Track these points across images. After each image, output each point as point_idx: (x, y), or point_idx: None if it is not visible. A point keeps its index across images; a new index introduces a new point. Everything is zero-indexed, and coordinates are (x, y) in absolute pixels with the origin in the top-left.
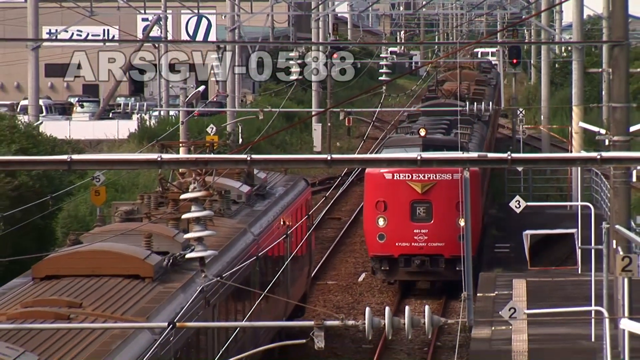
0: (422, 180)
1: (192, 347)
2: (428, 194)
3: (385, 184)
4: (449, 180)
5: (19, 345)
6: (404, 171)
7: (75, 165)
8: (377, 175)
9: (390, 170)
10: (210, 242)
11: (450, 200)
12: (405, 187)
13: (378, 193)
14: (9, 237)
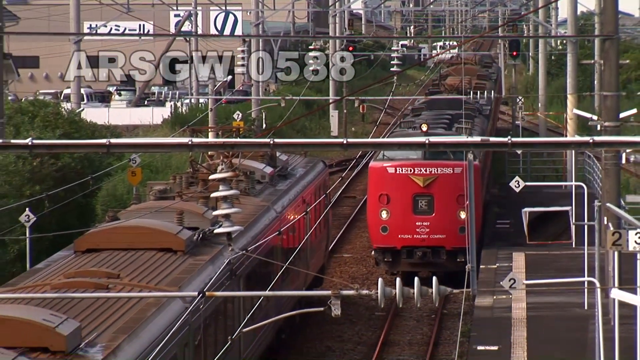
0: (424, 174)
1: (220, 315)
2: (430, 187)
3: (388, 178)
4: (450, 174)
5: (62, 312)
6: (407, 165)
7: (114, 149)
8: (380, 169)
9: (393, 164)
10: (237, 219)
11: (451, 194)
12: (407, 180)
13: (381, 186)
14: (54, 214)
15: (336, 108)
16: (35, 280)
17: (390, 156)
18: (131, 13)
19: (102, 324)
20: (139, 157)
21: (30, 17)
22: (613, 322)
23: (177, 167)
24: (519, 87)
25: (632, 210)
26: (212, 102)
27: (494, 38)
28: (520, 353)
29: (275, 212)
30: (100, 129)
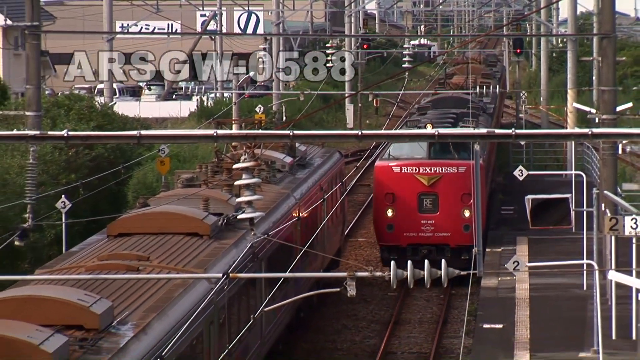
0: (429, 174)
1: (243, 295)
2: (434, 186)
3: (393, 177)
4: (454, 173)
5: (95, 292)
6: (412, 164)
7: (144, 140)
8: (385, 168)
9: (399, 163)
10: (259, 205)
11: (455, 193)
12: (412, 179)
13: (387, 185)
14: (88, 201)
15: (351, 102)
16: (71, 263)
17: (396, 155)
18: (160, 13)
19: (133, 304)
20: (167, 148)
21: (66, 17)
22: (610, 302)
23: (203, 157)
24: (522, 83)
25: (628, 197)
26: (235, 96)
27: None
28: (523, 331)
29: (294, 199)
30: (131, 122)
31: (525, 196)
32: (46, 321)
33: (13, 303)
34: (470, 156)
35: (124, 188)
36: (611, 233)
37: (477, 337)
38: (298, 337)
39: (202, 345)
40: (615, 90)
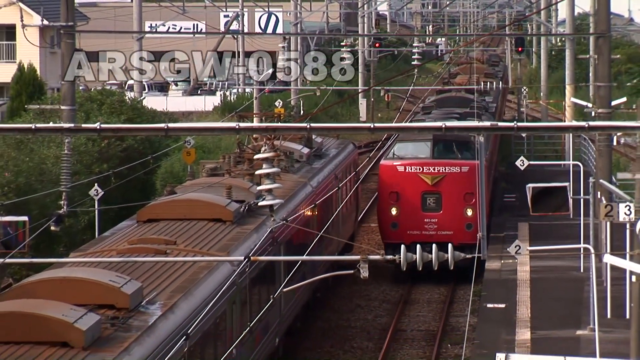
0: (432, 173)
1: (263, 276)
2: (438, 185)
3: (398, 176)
4: (457, 172)
5: (126, 274)
6: (416, 164)
7: (171, 132)
8: (390, 167)
9: (403, 163)
10: (278, 193)
11: (458, 192)
12: (416, 179)
13: (391, 184)
14: (119, 189)
15: (364, 97)
16: (103, 247)
17: (400, 155)
18: (186, 14)
19: (161, 285)
20: (193, 140)
21: (99, 18)
22: (605, 284)
23: (226, 148)
24: (523, 79)
25: (622, 186)
26: (256, 91)
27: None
28: (524, 310)
29: (311, 187)
30: (159, 115)
31: (526, 185)
32: (80, 301)
33: (49, 284)
34: (473, 156)
35: (153, 177)
36: (606, 219)
37: (482, 316)
38: (314, 315)
39: (225, 324)
40: (610, 86)
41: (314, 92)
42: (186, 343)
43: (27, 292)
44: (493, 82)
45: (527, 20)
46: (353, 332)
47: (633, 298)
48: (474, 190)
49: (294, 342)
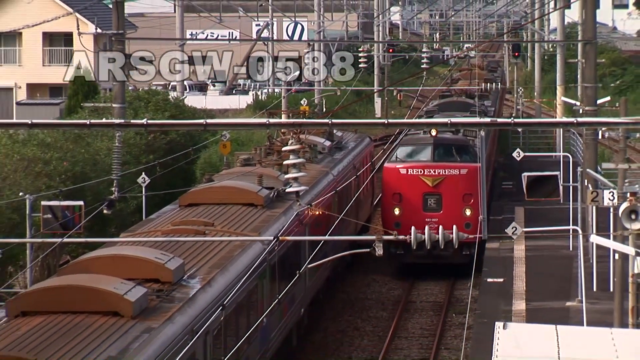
0: (433, 175)
1: (290, 254)
2: (438, 187)
3: (400, 178)
4: (456, 175)
5: (169, 252)
6: (417, 167)
7: (209, 127)
8: (393, 170)
9: (405, 165)
10: (303, 181)
11: (457, 193)
12: (418, 181)
13: (394, 186)
14: (163, 177)
15: (379, 96)
16: (149, 228)
17: (403, 158)
18: (223, 23)
19: (200, 261)
20: (228, 134)
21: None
22: (592, 261)
23: (257, 141)
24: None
25: (606, 174)
26: (284, 91)
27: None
28: (520, 284)
29: (332, 175)
30: (199, 112)
31: (521, 173)
32: (129, 275)
33: (102, 261)
34: (471, 159)
35: (193, 166)
36: (592, 204)
37: (482, 289)
38: (335, 288)
39: (256, 296)
40: (595, 87)
41: (335, 92)
42: (222, 313)
43: (82, 267)
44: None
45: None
46: (369, 303)
47: (616, 273)
48: (472, 192)
49: (317, 312)
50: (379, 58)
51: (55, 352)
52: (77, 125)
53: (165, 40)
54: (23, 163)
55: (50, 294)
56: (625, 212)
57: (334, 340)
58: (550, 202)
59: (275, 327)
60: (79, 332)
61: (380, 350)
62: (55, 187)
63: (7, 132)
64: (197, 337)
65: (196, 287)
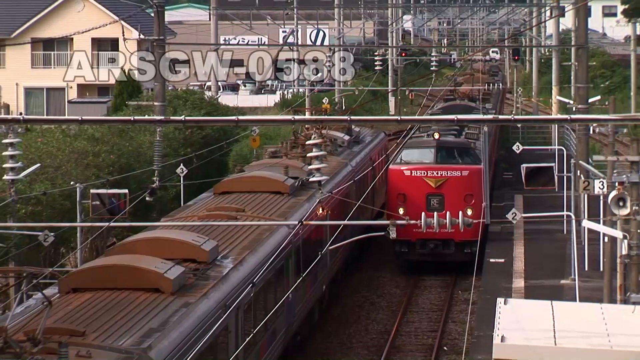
0: (436, 177)
1: (313, 237)
2: (441, 188)
3: (405, 179)
4: (458, 176)
5: (205, 235)
6: (421, 168)
7: (240, 123)
8: (398, 171)
9: (409, 167)
10: (325, 171)
11: (459, 193)
12: (421, 182)
13: (399, 187)
14: (199, 167)
15: (393, 95)
16: (187, 213)
17: (407, 160)
18: (253, 30)
19: (233, 243)
20: (258, 129)
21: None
22: (583, 243)
23: (284, 135)
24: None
25: (597, 166)
26: (308, 91)
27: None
28: (519, 263)
29: (351, 166)
30: (231, 110)
31: (521, 165)
32: (169, 256)
33: (145, 243)
34: (473, 161)
35: (226, 158)
36: (584, 192)
37: (485, 269)
38: (353, 268)
39: (283, 275)
40: (587, 87)
41: (353, 91)
42: (252, 289)
43: (127, 249)
44: (493, 90)
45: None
46: (384, 282)
47: (605, 255)
48: (473, 192)
49: (337, 288)
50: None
51: (102, 325)
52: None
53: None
54: (74, 155)
55: (98, 272)
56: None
57: (352, 314)
58: (547, 190)
59: (300, 302)
60: (124, 307)
61: (393, 323)
62: (103, 176)
63: (60, 128)
64: (229, 312)
65: (229, 266)
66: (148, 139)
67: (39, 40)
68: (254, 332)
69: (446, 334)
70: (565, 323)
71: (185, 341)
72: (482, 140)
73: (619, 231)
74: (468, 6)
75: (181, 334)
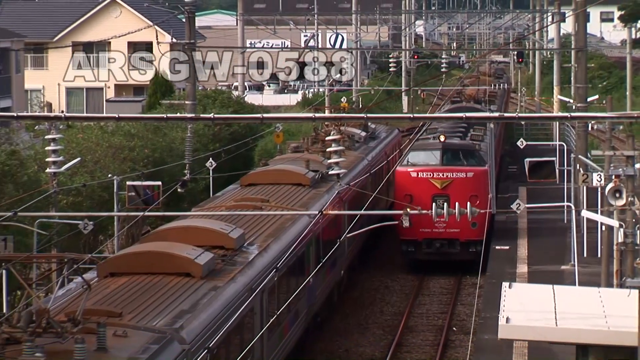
0: (442, 178)
1: (332, 226)
2: (446, 189)
3: (411, 181)
4: (463, 178)
5: (232, 224)
6: (427, 170)
7: (265, 120)
8: (405, 173)
9: (416, 169)
10: (343, 165)
11: (464, 194)
12: (427, 183)
13: (406, 188)
14: (227, 161)
15: (406, 94)
16: (215, 204)
17: (414, 162)
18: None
19: (257, 232)
20: (281, 126)
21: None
22: (583, 232)
23: (305, 131)
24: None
25: (595, 160)
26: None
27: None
28: (523, 250)
29: (367, 160)
30: (257, 108)
31: (524, 159)
32: (199, 243)
33: (177, 231)
34: (477, 163)
35: (252, 153)
36: (583, 184)
37: (491, 255)
38: (369, 254)
39: (304, 260)
40: (586, 87)
41: (369, 91)
42: (276, 274)
43: (160, 236)
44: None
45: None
46: (398, 267)
47: (603, 242)
48: (478, 193)
49: (354, 273)
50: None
51: (137, 306)
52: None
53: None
54: (111, 150)
55: (133, 258)
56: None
57: (369, 297)
58: (548, 182)
59: (320, 286)
60: (157, 290)
61: (406, 305)
62: (138, 170)
63: (99, 125)
64: (254, 295)
65: (254, 252)
66: (180, 135)
67: (79, 43)
68: (277, 314)
69: (455, 315)
70: (566, 305)
71: (214, 322)
72: (487, 137)
73: (615, 220)
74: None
75: (210, 315)
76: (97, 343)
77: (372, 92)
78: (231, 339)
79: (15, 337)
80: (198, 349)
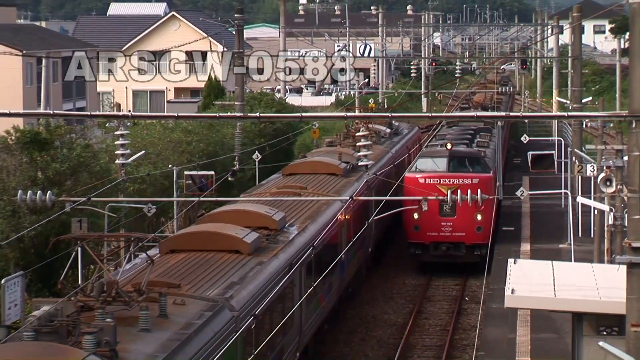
0: (448, 184)
1: (361, 210)
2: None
3: (419, 187)
4: (469, 184)
5: (275, 207)
6: (434, 176)
7: (304, 118)
8: (413, 179)
9: (423, 175)
10: (370, 157)
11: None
12: (434, 189)
13: (414, 193)
14: (271, 154)
15: (425, 96)
16: (261, 190)
17: (422, 169)
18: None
19: (297, 214)
20: (317, 123)
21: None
22: (578, 215)
23: (338, 128)
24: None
25: (589, 153)
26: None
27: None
28: (526, 231)
29: (391, 153)
30: (296, 108)
31: (527, 152)
32: (246, 224)
33: (227, 214)
34: (483, 170)
35: (292, 147)
36: (579, 174)
37: (498, 235)
38: (393, 235)
39: (337, 240)
40: (581, 90)
41: (393, 93)
42: (313, 251)
43: (213, 218)
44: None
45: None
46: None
47: (595, 224)
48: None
49: (380, 250)
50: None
51: (193, 278)
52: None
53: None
54: (171, 144)
55: (190, 237)
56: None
57: (394, 270)
58: (548, 172)
59: (350, 261)
60: (211, 265)
61: (426, 278)
62: (194, 161)
63: (160, 122)
64: (294, 269)
65: (294, 232)
66: (230, 131)
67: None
68: (314, 285)
69: (467, 287)
70: (563, 279)
71: (259, 292)
72: (493, 144)
73: (606, 205)
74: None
75: (256, 287)
76: (159, 310)
77: (396, 94)
78: (274, 308)
79: (89, 305)
80: (245, 316)
